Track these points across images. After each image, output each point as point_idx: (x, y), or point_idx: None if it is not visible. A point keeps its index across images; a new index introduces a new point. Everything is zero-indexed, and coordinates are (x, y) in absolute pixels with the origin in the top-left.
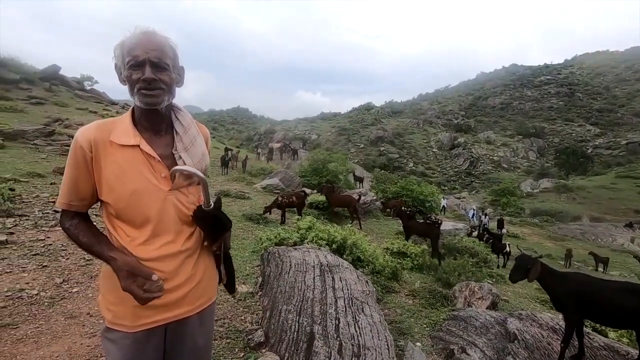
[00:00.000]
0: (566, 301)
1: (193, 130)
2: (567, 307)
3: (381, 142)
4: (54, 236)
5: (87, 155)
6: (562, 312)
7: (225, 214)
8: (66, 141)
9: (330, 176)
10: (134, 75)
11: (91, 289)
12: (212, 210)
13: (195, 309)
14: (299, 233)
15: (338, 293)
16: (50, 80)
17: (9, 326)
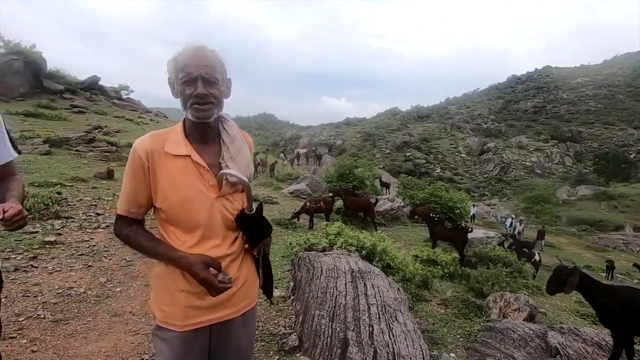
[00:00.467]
0: (614, 316)
1: (239, 140)
2: (615, 323)
3: (407, 147)
4: (97, 237)
5: (145, 165)
6: (609, 327)
7: (266, 219)
8: (105, 147)
9: (356, 182)
10: (187, 91)
11: (132, 288)
12: (254, 214)
13: (239, 311)
14: (328, 239)
15: (370, 300)
16: (90, 90)
17: (61, 321)
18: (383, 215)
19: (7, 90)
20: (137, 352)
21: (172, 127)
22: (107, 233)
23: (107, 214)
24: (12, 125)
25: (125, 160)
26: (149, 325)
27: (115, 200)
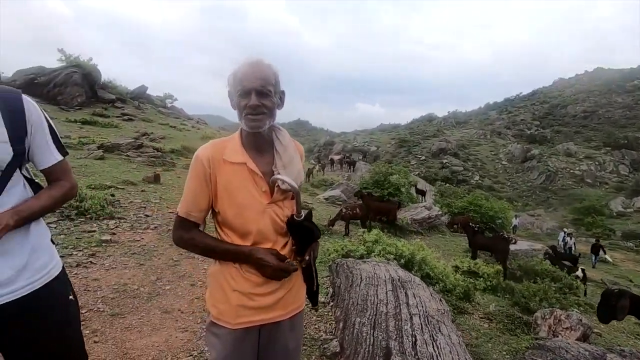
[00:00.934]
0: None
1: (291, 149)
2: None
3: (444, 154)
4: (147, 238)
5: (206, 171)
6: None
7: (315, 225)
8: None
9: (392, 189)
10: (242, 102)
11: (180, 287)
12: (302, 220)
13: (287, 314)
14: (365, 246)
15: (412, 310)
16: (138, 99)
17: (118, 315)
18: (420, 223)
19: (67, 99)
20: (187, 348)
21: (230, 136)
22: (155, 234)
23: (154, 215)
24: (71, 131)
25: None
26: (197, 324)
27: (161, 203)
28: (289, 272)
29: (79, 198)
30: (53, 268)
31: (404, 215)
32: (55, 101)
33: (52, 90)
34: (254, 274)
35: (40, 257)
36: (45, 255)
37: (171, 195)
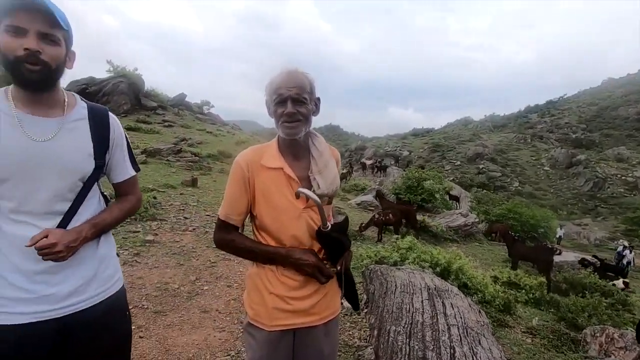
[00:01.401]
0: None
1: (327, 155)
2: None
3: (480, 159)
4: (186, 239)
5: (245, 175)
6: None
7: (344, 235)
8: (190, 158)
9: (425, 195)
10: (279, 110)
11: (217, 288)
12: (329, 231)
13: (322, 319)
14: (399, 253)
15: (450, 320)
16: (178, 106)
17: (161, 313)
18: (456, 231)
19: (114, 107)
20: (224, 348)
21: (269, 142)
22: (193, 235)
23: (192, 217)
24: None
25: (205, 170)
26: (233, 324)
27: (199, 206)
28: (326, 276)
29: None
30: (117, 281)
31: (439, 222)
32: None
33: (101, 99)
34: (290, 277)
35: (107, 269)
36: (112, 266)
37: (208, 198)
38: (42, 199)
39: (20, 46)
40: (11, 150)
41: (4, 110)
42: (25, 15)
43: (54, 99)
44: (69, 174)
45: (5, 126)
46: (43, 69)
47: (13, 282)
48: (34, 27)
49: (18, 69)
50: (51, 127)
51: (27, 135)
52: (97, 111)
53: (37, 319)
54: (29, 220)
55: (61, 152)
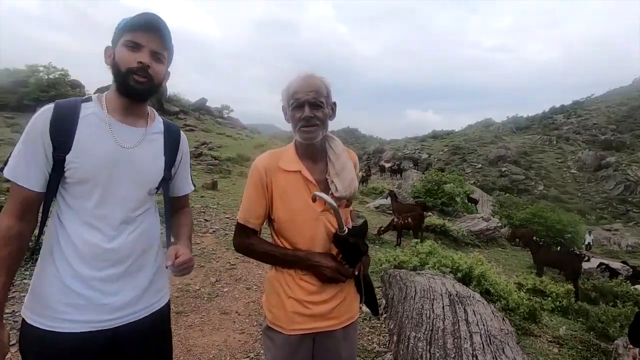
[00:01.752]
0: None
1: (344, 157)
2: None
3: (502, 161)
4: (206, 241)
5: (263, 179)
6: None
7: (361, 239)
8: (210, 161)
9: (445, 198)
10: (296, 115)
11: (237, 290)
12: (346, 236)
13: (341, 324)
14: (419, 257)
15: (472, 328)
16: (199, 110)
17: (182, 314)
18: (477, 235)
19: None
20: (244, 349)
21: (286, 146)
22: (214, 237)
23: (212, 220)
24: None
25: (225, 173)
26: (253, 326)
27: (219, 208)
28: (346, 276)
29: None
30: (165, 294)
31: (460, 226)
32: None
33: None
34: (309, 282)
35: (159, 280)
36: (163, 278)
37: (227, 201)
38: (117, 203)
39: (135, 59)
40: (98, 153)
41: (98, 115)
42: (144, 34)
43: (142, 111)
44: (144, 182)
45: (96, 130)
46: (148, 82)
47: (71, 287)
48: (149, 45)
49: (126, 78)
50: (136, 136)
51: (115, 140)
52: (171, 127)
53: (89, 329)
54: (101, 227)
55: (141, 160)
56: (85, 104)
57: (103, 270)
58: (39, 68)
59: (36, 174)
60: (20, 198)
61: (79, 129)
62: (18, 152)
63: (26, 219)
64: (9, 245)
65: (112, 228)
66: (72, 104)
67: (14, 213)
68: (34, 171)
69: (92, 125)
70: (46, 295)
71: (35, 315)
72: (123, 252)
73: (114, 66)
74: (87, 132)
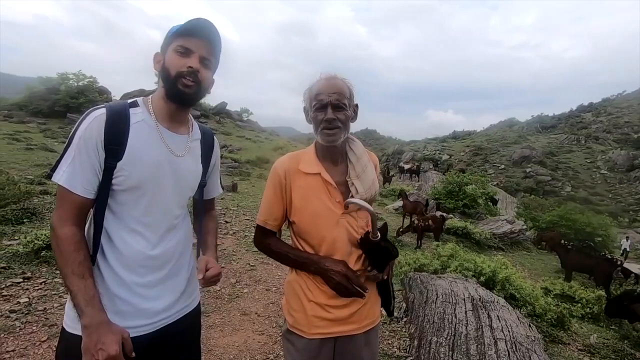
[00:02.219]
0: None
1: (364, 159)
2: None
3: (527, 162)
4: (227, 242)
5: (282, 182)
6: None
7: (391, 243)
8: (230, 164)
9: (467, 200)
10: (319, 116)
11: (257, 291)
12: (379, 240)
13: (362, 328)
14: (440, 260)
15: (497, 334)
16: (219, 114)
17: (203, 314)
18: (501, 238)
19: None
20: (264, 351)
21: (306, 148)
22: (234, 239)
23: (233, 221)
24: None
25: (245, 175)
26: (272, 328)
27: (239, 210)
28: (357, 285)
29: None
30: (197, 296)
31: (482, 229)
32: None
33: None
34: None
35: (193, 281)
36: (196, 279)
37: (247, 203)
38: (162, 211)
39: (185, 64)
40: (151, 161)
41: (149, 122)
42: (195, 40)
43: (186, 117)
44: (187, 189)
45: (148, 138)
46: (196, 86)
47: (117, 294)
48: (199, 51)
49: (176, 82)
50: (183, 143)
51: (168, 148)
52: (207, 133)
53: (133, 335)
54: (146, 234)
55: (187, 168)
56: (133, 110)
57: (145, 277)
58: (69, 76)
59: (92, 182)
60: (76, 205)
61: (130, 136)
62: (72, 160)
63: (82, 225)
64: (82, 249)
65: (157, 235)
66: (123, 109)
67: (73, 220)
68: (90, 179)
69: (143, 133)
70: None
71: (76, 323)
72: (165, 258)
73: (164, 71)
74: (139, 140)
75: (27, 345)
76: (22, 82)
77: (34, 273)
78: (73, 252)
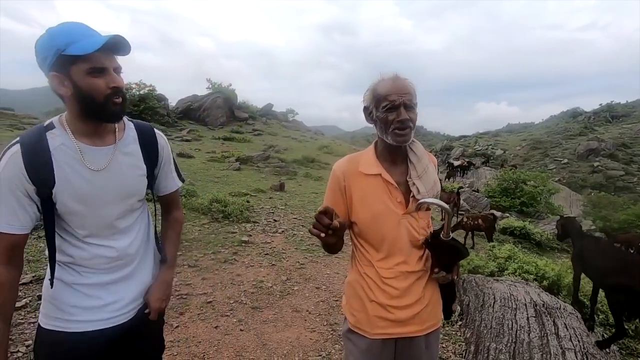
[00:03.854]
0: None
1: (425, 160)
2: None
3: (595, 155)
4: (276, 241)
5: (342, 184)
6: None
7: (460, 242)
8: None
9: (525, 198)
10: (390, 117)
11: (307, 289)
12: (450, 240)
13: (423, 331)
14: (496, 262)
15: (565, 343)
16: (266, 115)
17: (257, 309)
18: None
19: (213, 120)
20: (316, 348)
21: (366, 149)
22: (283, 237)
23: (281, 220)
24: (216, 147)
25: (291, 175)
26: (323, 326)
27: (286, 209)
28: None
29: (223, 203)
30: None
31: (543, 229)
32: (204, 122)
33: (202, 114)
34: (392, 286)
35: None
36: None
37: (294, 202)
38: (108, 223)
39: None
40: (78, 184)
41: (66, 143)
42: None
43: (110, 127)
44: (128, 197)
45: (69, 160)
46: (123, 100)
47: (83, 291)
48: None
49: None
50: (107, 154)
51: (88, 167)
52: (144, 131)
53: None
54: (100, 243)
55: (119, 178)
56: (49, 133)
57: (110, 275)
58: (132, 85)
59: (23, 218)
60: (6, 244)
61: (54, 161)
62: None
63: (14, 263)
64: (1, 295)
65: (114, 240)
66: (38, 137)
67: (1, 260)
68: (21, 216)
69: (65, 156)
70: (60, 301)
71: (50, 319)
72: (126, 258)
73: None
74: (63, 165)
75: None
76: None
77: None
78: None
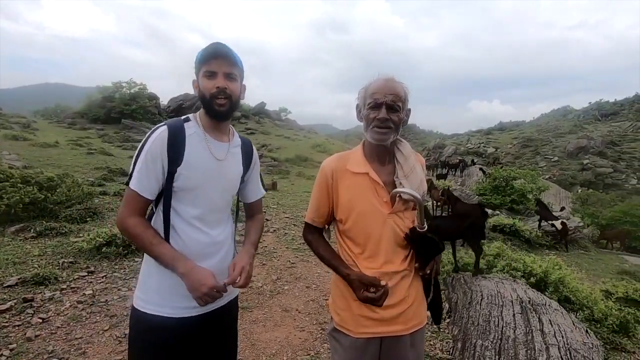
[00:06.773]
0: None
1: (412, 160)
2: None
3: (584, 153)
4: (267, 240)
5: (329, 182)
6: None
7: (437, 237)
8: (269, 162)
9: (515, 195)
10: (371, 115)
11: (297, 288)
12: (425, 232)
13: (408, 330)
14: (485, 259)
15: (549, 339)
16: (259, 114)
17: (247, 309)
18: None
19: None
20: (305, 347)
21: (354, 148)
22: (274, 237)
23: (273, 219)
24: None
25: (284, 173)
26: (312, 325)
27: (279, 208)
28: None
29: None
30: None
31: (533, 226)
32: None
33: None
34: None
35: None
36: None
37: (287, 201)
38: (214, 208)
39: (213, 86)
40: (203, 166)
41: (198, 133)
42: (215, 62)
43: (226, 127)
44: (231, 189)
45: (198, 146)
46: (228, 102)
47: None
48: (221, 69)
49: (211, 103)
50: (224, 149)
51: (213, 154)
52: (245, 141)
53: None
54: (203, 228)
55: (228, 170)
56: (187, 124)
57: (203, 262)
58: (122, 84)
59: (154, 186)
60: (140, 203)
61: (187, 146)
62: (141, 169)
63: (144, 216)
64: (150, 228)
65: (210, 227)
66: (179, 125)
67: (136, 213)
68: (154, 184)
69: (195, 143)
70: (158, 285)
71: (146, 303)
72: (217, 246)
73: (200, 95)
74: (193, 149)
75: (92, 334)
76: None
77: (97, 267)
78: (144, 231)
